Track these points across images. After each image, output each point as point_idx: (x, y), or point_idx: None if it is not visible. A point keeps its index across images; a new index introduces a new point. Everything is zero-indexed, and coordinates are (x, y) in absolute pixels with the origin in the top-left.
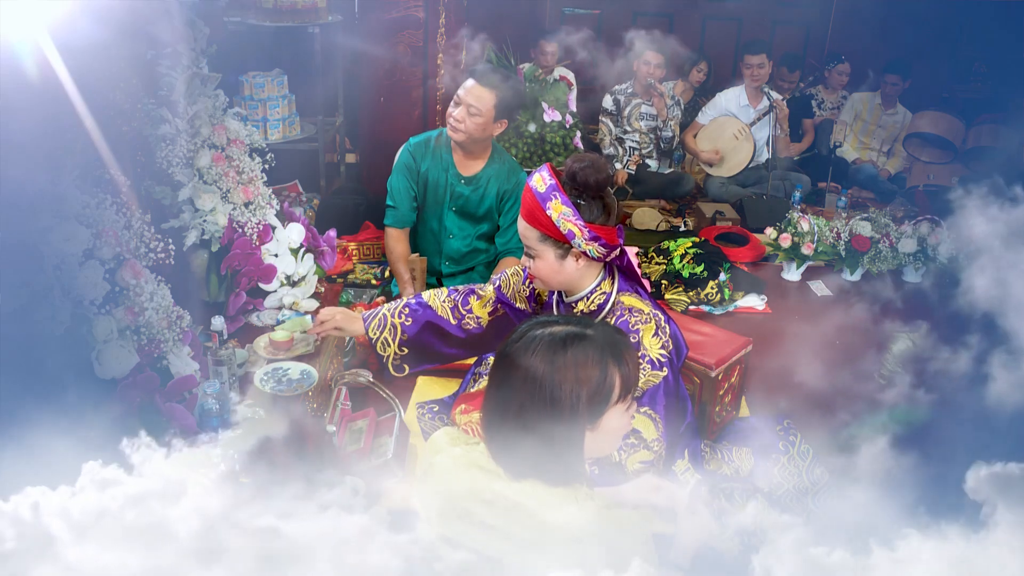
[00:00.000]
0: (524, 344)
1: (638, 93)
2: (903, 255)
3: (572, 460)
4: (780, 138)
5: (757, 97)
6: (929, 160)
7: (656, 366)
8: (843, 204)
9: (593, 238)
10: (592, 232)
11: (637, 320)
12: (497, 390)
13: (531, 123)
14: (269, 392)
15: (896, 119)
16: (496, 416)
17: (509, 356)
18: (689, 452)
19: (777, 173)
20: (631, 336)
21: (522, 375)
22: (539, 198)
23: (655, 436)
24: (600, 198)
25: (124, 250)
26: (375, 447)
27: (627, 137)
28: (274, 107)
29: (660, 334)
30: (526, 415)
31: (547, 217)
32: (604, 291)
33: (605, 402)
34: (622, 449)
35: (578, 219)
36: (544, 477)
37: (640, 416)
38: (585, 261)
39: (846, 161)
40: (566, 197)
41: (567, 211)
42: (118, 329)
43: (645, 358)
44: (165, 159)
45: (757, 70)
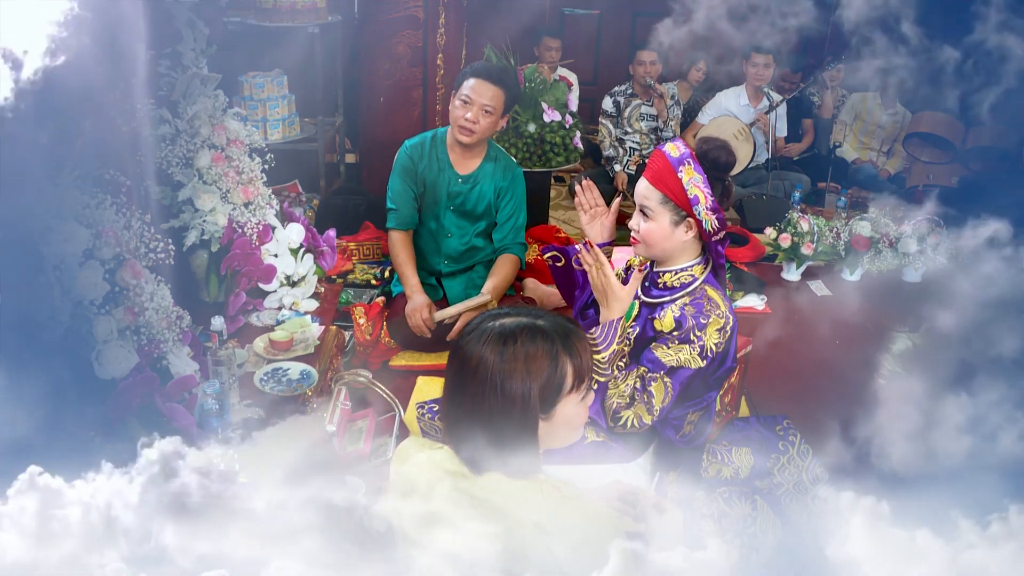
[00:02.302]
0: (476, 336)
1: (637, 94)
2: (903, 255)
3: (529, 451)
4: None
5: (757, 97)
6: (929, 160)
7: (703, 354)
8: (843, 204)
9: (714, 208)
10: (714, 202)
11: (711, 310)
12: (452, 382)
13: (531, 123)
14: (269, 392)
15: (896, 119)
16: (453, 409)
17: (462, 348)
18: (685, 464)
19: (777, 173)
20: (701, 319)
21: (473, 367)
22: (672, 161)
23: (660, 406)
24: (722, 180)
25: (124, 250)
26: (375, 447)
27: (627, 138)
28: (274, 107)
29: (722, 334)
30: (479, 408)
31: (677, 180)
32: (693, 274)
33: (558, 392)
34: (631, 400)
35: (706, 186)
36: (503, 469)
37: (660, 383)
38: (693, 235)
39: (846, 161)
40: (699, 165)
41: (698, 177)
42: (118, 329)
43: (700, 342)
44: (165, 159)
45: (763, 70)
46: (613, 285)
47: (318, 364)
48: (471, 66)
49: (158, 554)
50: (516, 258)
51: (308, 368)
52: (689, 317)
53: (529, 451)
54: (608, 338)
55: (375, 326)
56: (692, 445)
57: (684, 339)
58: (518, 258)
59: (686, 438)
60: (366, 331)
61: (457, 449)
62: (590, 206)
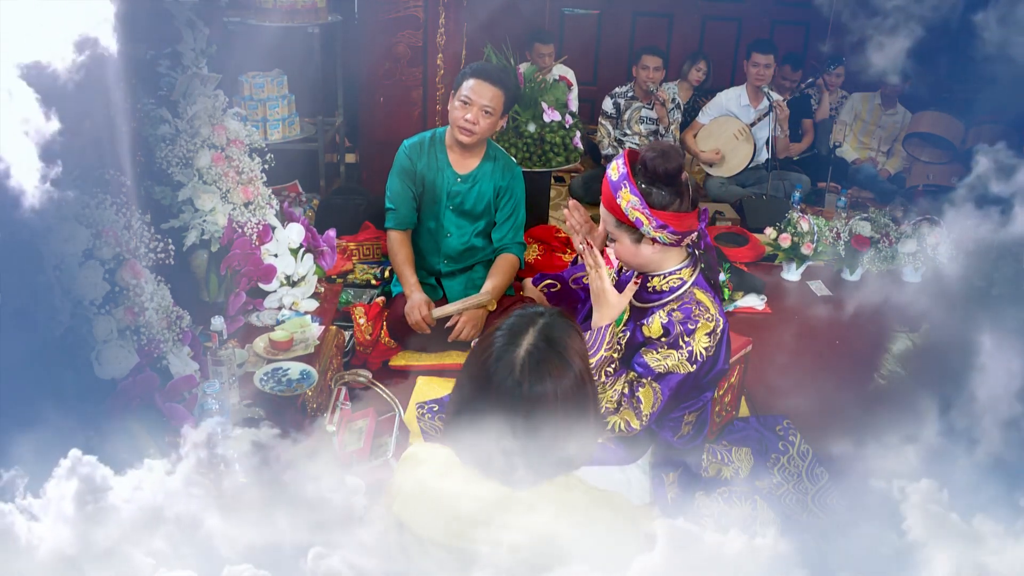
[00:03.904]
0: (506, 368)
1: (638, 97)
2: (903, 255)
3: (592, 441)
4: (780, 138)
5: (758, 97)
6: (929, 160)
7: (692, 359)
8: (843, 204)
9: (660, 226)
10: (660, 220)
11: (700, 313)
12: (490, 411)
13: (531, 123)
14: (269, 392)
15: (896, 119)
16: (485, 433)
17: (497, 384)
18: (684, 468)
19: (777, 173)
20: (689, 324)
21: (531, 403)
22: (612, 187)
23: (648, 412)
24: (672, 185)
25: (124, 250)
26: (375, 447)
27: (626, 139)
28: (274, 107)
29: (712, 338)
30: (537, 433)
31: (617, 206)
32: (681, 277)
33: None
34: (618, 406)
35: (644, 208)
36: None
37: (648, 388)
38: (661, 246)
39: (846, 161)
40: (634, 186)
41: (635, 200)
42: (118, 329)
43: (688, 347)
44: (165, 159)
45: (764, 70)
46: (607, 291)
47: (318, 364)
48: (471, 66)
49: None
50: (515, 258)
51: (308, 368)
52: (677, 323)
53: (597, 427)
54: (597, 344)
55: (375, 326)
56: (691, 446)
57: (673, 344)
58: (517, 258)
59: (684, 439)
60: (366, 331)
61: (498, 474)
62: (581, 226)
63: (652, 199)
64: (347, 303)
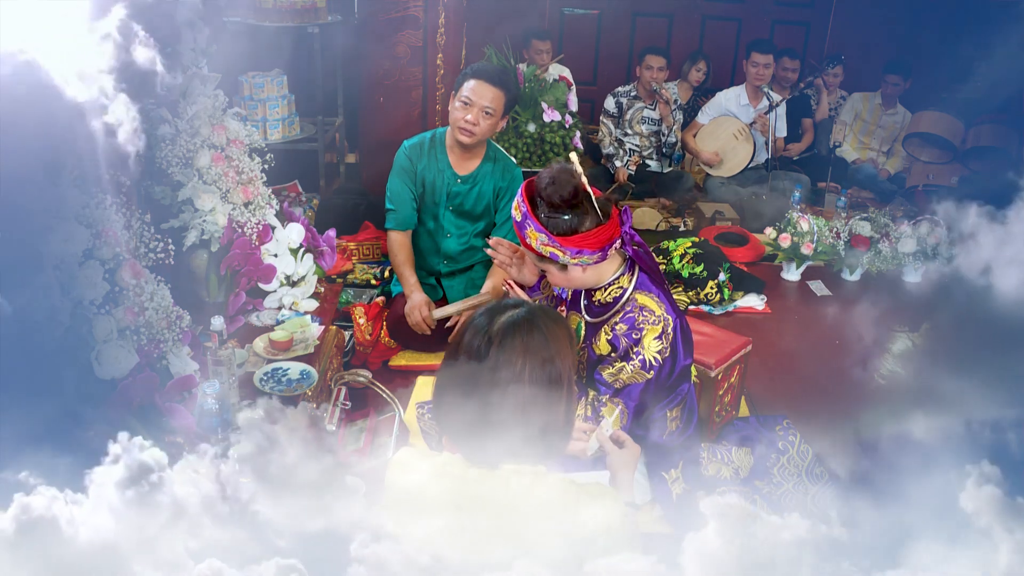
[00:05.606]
0: (480, 329)
1: (641, 97)
2: (903, 255)
3: (565, 431)
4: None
5: (757, 97)
6: (929, 160)
7: (646, 367)
8: (843, 204)
9: (576, 253)
10: (573, 248)
11: (644, 320)
12: (464, 385)
13: (531, 123)
14: (269, 392)
15: (896, 119)
16: (462, 409)
17: (474, 350)
18: (685, 461)
19: (777, 173)
20: (634, 334)
21: (497, 365)
22: (519, 227)
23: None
24: (573, 208)
25: (124, 250)
26: (375, 447)
27: (627, 139)
28: (274, 107)
29: (663, 339)
30: (503, 404)
31: (530, 245)
32: (621, 286)
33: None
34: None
35: (553, 242)
36: (524, 458)
37: (610, 405)
38: (589, 266)
39: (846, 161)
40: (538, 224)
41: (543, 237)
42: (118, 329)
43: (639, 356)
44: (165, 159)
45: (763, 69)
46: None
47: (318, 364)
48: (471, 67)
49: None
50: None
51: (308, 368)
52: (621, 336)
53: (565, 430)
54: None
55: (375, 326)
56: (682, 439)
57: (623, 357)
58: None
59: (673, 435)
60: (366, 331)
61: (467, 448)
62: (509, 259)
63: (559, 229)
64: (347, 303)
